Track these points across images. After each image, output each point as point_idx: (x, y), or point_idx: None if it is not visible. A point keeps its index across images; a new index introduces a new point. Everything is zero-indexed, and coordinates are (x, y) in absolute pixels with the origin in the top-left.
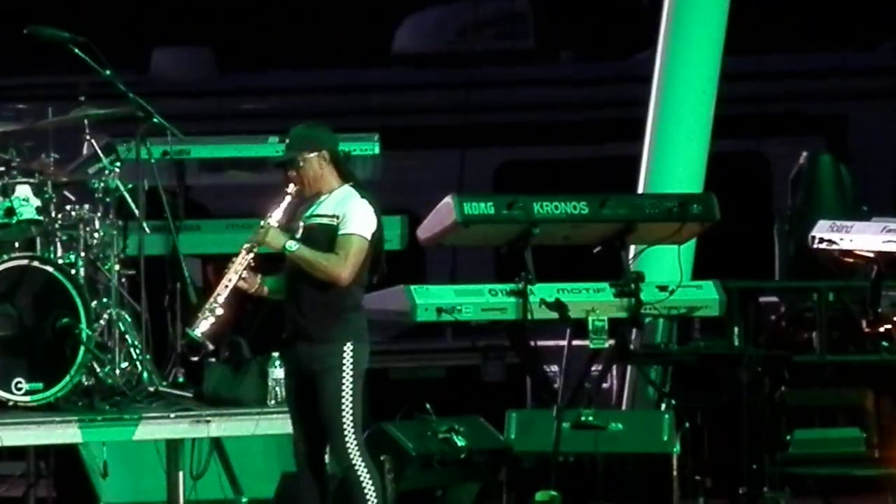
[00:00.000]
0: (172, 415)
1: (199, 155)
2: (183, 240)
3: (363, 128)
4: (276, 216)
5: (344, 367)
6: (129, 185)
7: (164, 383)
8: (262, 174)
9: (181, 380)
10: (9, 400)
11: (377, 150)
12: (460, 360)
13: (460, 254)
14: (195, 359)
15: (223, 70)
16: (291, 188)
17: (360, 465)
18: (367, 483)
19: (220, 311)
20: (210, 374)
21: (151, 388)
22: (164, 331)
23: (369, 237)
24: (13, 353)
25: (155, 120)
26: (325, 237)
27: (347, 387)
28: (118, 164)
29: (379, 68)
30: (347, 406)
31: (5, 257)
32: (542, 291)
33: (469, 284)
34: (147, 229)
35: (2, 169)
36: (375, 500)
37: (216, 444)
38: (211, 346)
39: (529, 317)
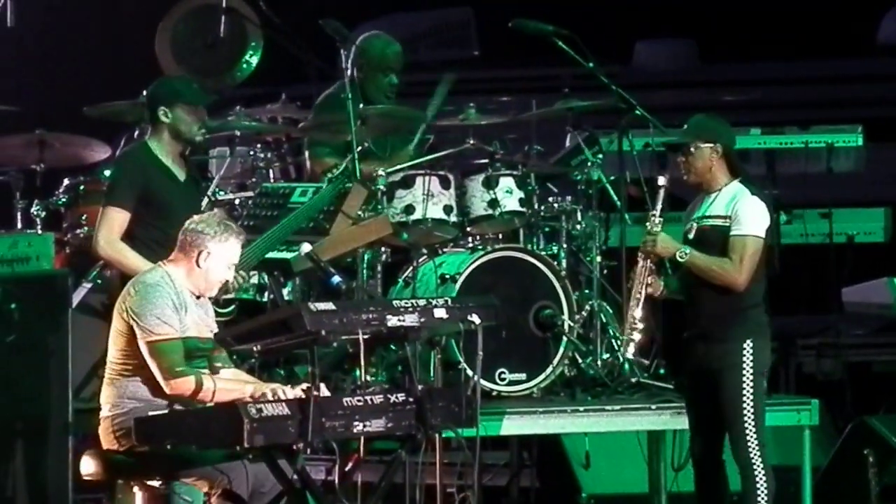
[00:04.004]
0: (654, 406)
1: None
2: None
3: (846, 119)
4: (657, 220)
5: (744, 365)
6: (611, 177)
7: (646, 375)
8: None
9: (662, 371)
10: (493, 390)
11: (861, 142)
12: None
13: None
14: None
15: (706, 61)
16: (662, 180)
17: (758, 465)
18: (762, 484)
19: (641, 326)
20: None
21: (633, 380)
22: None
23: (764, 235)
24: (497, 344)
25: (637, 112)
26: (718, 239)
27: (748, 384)
28: (600, 155)
29: (862, 58)
30: (748, 403)
31: (489, 248)
32: None
33: None
34: (629, 221)
35: (486, 161)
36: (766, 501)
37: None
38: (645, 362)
39: None
